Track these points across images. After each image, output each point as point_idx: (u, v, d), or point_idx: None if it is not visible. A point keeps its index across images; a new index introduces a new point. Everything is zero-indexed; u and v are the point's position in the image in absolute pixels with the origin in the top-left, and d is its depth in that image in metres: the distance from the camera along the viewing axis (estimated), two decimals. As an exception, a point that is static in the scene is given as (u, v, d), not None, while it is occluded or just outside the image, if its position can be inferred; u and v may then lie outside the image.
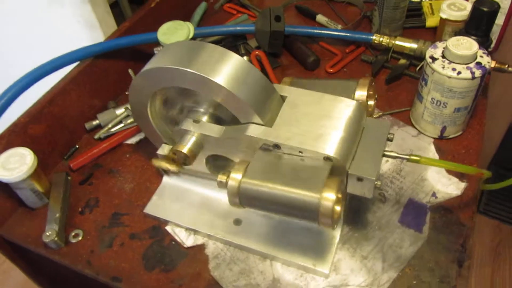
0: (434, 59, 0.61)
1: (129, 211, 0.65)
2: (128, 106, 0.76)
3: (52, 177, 0.68)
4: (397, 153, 0.51)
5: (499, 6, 0.68)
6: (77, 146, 0.74)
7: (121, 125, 0.75)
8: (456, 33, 0.77)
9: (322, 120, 0.51)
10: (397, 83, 0.78)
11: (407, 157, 0.50)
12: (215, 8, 1.00)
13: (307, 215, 0.46)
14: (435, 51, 0.62)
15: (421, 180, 0.63)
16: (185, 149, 0.55)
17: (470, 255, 0.56)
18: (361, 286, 0.54)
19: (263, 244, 0.57)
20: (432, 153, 0.66)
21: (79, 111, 0.75)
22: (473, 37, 0.72)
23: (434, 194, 0.61)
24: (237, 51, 0.86)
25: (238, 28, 0.82)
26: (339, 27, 0.89)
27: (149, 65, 0.54)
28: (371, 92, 0.57)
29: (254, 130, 0.51)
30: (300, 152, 0.49)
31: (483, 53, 0.60)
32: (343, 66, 0.82)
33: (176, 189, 0.65)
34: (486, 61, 0.60)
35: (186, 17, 0.96)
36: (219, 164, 0.60)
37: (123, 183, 0.68)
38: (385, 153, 0.51)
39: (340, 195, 0.47)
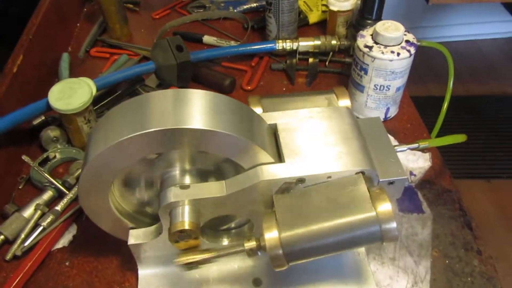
0: (369, 47, 0.62)
1: (109, 331, 0.49)
2: (39, 202, 0.58)
3: None
4: (407, 145, 0.49)
5: (386, -11, 0.73)
6: (-15, 281, 0.53)
7: (40, 229, 0.56)
8: (348, 22, 0.81)
9: (328, 135, 0.46)
10: (316, 82, 0.78)
11: (417, 145, 0.49)
12: (80, 57, 0.84)
13: (369, 238, 0.41)
14: (366, 39, 0.63)
15: (393, 165, 0.64)
16: (186, 224, 0.43)
17: (472, 216, 0.58)
18: (409, 289, 0.51)
19: (296, 294, 0.50)
20: (386, 136, 0.68)
21: (-29, 234, 0.53)
22: (369, 21, 0.76)
23: (411, 173, 0.63)
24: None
25: (137, 69, 0.70)
26: (232, 43, 0.84)
27: (96, 149, 0.41)
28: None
29: (270, 172, 0.43)
30: (328, 177, 0.43)
31: (405, 31, 0.64)
32: (259, 81, 0.78)
33: (163, 277, 0.51)
34: (411, 37, 0.63)
35: (53, 74, 0.79)
36: (212, 224, 0.50)
37: (80, 300, 0.52)
38: (396, 148, 0.49)
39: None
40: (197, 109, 0.42)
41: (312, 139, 0.46)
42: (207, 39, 0.86)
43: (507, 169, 1.71)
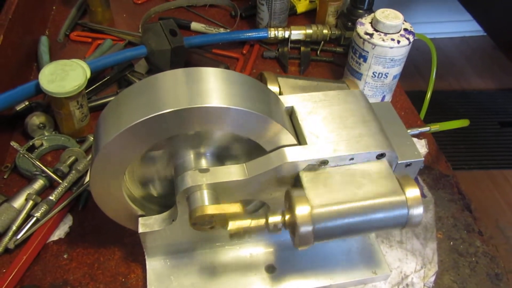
0: (370, 34, 0.62)
1: (117, 326, 0.46)
2: (30, 191, 0.54)
3: None
4: (418, 128, 0.50)
5: (377, -21, 0.74)
6: (-27, 278, 0.49)
7: (33, 220, 0.52)
8: (338, 11, 0.81)
9: (346, 118, 0.46)
10: (309, 71, 0.78)
11: (428, 128, 0.50)
12: (59, 41, 0.80)
13: (394, 221, 0.41)
14: (365, 27, 0.63)
15: (392, 151, 0.65)
16: (209, 208, 0.41)
17: (471, 198, 0.60)
18: (418, 270, 0.52)
19: (311, 279, 0.49)
20: (383, 123, 0.69)
21: (-43, 227, 0.49)
22: (360, 11, 0.77)
23: (410, 159, 0.64)
24: (127, 83, 0.70)
25: (128, 53, 0.67)
26: (221, 30, 0.82)
27: (108, 135, 0.39)
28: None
29: (294, 154, 0.42)
30: (351, 159, 0.43)
31: (404, 20, 0.65)
32: (251, 68, 0.76)
33: (173, 267, 0.49)
34: (409, 26, 0.64)
35: (32, 58, 0.74)
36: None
37: (83, 295, 0.48)
38: (408, 131, 0.49)
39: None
40: (211, 86, 0.40)
41: (331, 121, 0.45)
42: (195, 25, 0.83)
43: (467, 161, 1.79)
